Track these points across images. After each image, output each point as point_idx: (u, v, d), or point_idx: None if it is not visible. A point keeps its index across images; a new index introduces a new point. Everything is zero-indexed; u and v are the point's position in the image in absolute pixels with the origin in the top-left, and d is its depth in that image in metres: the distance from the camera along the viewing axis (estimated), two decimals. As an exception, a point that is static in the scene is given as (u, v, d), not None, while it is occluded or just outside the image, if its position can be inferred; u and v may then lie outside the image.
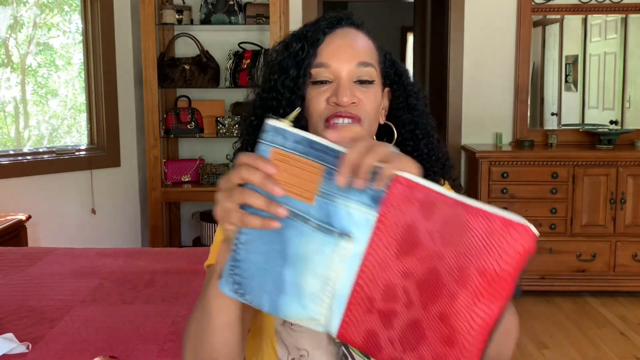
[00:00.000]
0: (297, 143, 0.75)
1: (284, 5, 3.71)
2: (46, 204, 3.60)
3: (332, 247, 0.75)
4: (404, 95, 1.10)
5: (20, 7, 3.71)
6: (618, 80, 4.00)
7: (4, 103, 3.71)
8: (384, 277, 0.74)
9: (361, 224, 0.74)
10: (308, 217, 0.75)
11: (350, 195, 0.74)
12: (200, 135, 3.78)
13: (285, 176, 0.75)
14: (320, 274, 0.76)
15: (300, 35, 1.05)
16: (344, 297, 0.76)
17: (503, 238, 0.70)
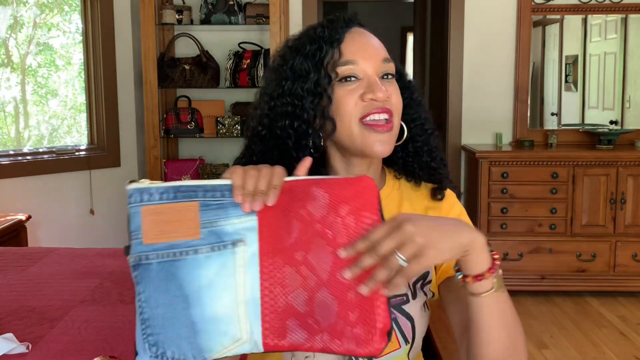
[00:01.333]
0: (163, 194, 0.81)
1: (284, 5, 3.71)
2: (46, 204, 3.60)
3: (232, 258, 0.81)
4: (408, 92, 1.10)
5: (20, 7, 3.71)
6: (618, 80, 4.00)
7: (4, 103, 3.71)
8: (281, 264, 0.83)
9: (248, 230, 0.82)
10: (197, 247, 0.81)
11: (229, 214, 0.82)
12: (200, 135, 3.78)
13: (164, 226, 0.81)
14: (228, 289, 0.81)
15: (312, 37, 1.03)
16: (256, 299, 0.82)
17: (353, 188, 0.84)
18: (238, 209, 0.82)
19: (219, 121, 3.74)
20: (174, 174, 3.77)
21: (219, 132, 3.75)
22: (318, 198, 0.83)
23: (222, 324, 0.82)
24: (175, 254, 0.81)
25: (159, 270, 0.81)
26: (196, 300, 0.81)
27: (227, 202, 0.82)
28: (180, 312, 0.81)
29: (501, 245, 3.62)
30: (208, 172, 3.73)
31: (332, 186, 0.84)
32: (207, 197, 0.82)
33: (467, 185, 4.00)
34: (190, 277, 0.81)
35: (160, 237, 0.81)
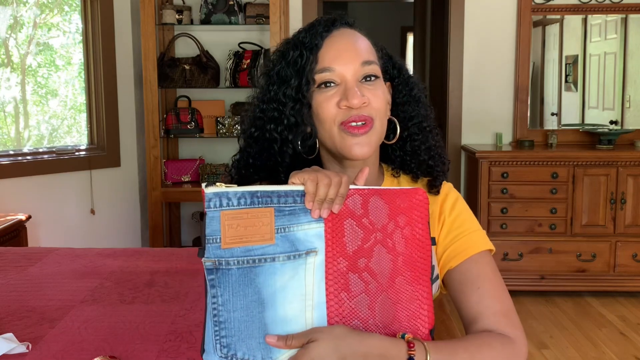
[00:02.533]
0: (240, 199, 0.85)
1: (284, 5, 3.71)
2: (46, 204, 3.60)
3: (304, 266, 0.86)
4: (407, 89, 1.10)
5: (20, 7, 3.71)
6: (618, 80, 4.00)
7: (4, 103, 3.71)
8: (345, 270, 0.87)
9: (316, 237, 0.87)
10: (275, 255, 0.86)
11: (300, 220, 0.87)
12: (200, 135, 3.78)
13: (241, 230, 0.84)
14: (298, 294, 0.86)
15: (296, 42, 1.04)
16: (322, 303, 0.87)
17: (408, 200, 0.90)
18: (307, 215, 0.87)
19: (219, 121, 3.74)
20: (174, 174, 3.77)
21: (219, 132, 3.75)
22: (379, 208, 0.89)
23: (291, 325, 0.86)
24: (255, 260, 0.85)
25: (239, 275, 0.85)
26: (270, 303, 0.85)
27: (298, 208, 0.87)
28: (255, 315, 0.85)
29: (501, 245, 3.62)
30: (208, 172, 3.73)
31: (391, 197, 0.90)
32: (280, 203, 0.86)
33: (467, 185, 4.00)
34: (267, 282, 0.85)
35: (238, 242, 0.85)
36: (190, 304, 1.99)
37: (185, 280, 2.21)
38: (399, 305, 0.89)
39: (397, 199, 0.90)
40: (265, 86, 1.06)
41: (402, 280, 0.89)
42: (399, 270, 0.89)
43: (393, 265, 0.89)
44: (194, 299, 2.02)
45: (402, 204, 0.90)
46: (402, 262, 0.89)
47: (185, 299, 2.03)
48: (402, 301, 0.89)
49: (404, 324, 0.89)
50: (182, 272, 2.30)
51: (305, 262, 0.86)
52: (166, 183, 3.75)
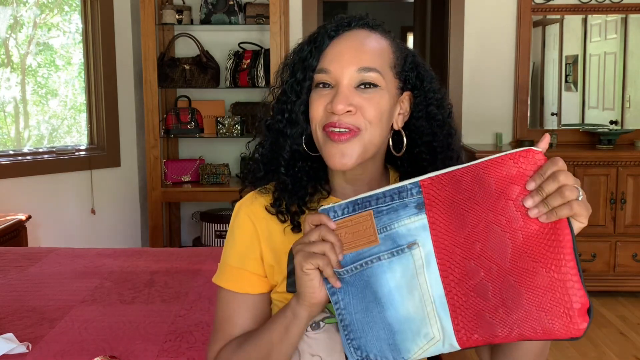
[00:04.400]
0: (344, 209, 0.88)
1: (284, 5, 3.71)
2: (46, 204, 3.60)
3: (411, 260, 0.85)
4: (424, 103, 1.04)
5: (20, 7, 3.71)
6: (618, 80, 4.00)
7: (4, 103, 3.71)
8: (459, 259, 0.84)
9: (420, 229, 0.85)
10: (379, 254, 0.87)
11: (400, 216, 0.86)
12: (200, 135, 3.78)
13: (349, 237, 0.88)
14: (413, 290, 0.85)
15: (310, 38, 1.04)
16: (441, 295, 0.85)
17: (517, 166, 0.81)
18: (406, 210, 0.86)
19: (219, 121, 3.74)
20: (174, 174, 3.77)
21: (219, 132, 3.75)
22: (484, 184, 0.83)
23: (415, 322, 0.86)
24: (362, 264, 0.87)
25: (353, 281, 0.88)
26: (389, 302, 0.86)
27: (396, 205, 0.86)
28: (376, 315, 0.87)
29: (501, 245, 3.62)
30: (208, 172, 3.73)
31: (495, 168, 0.82)
32: (379, 204, 0.87)
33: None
34: (380, 282, 0.86)
35: (347, 249, 0.88)
36: (190, 304, 1.99)
37: (185, 280, 2.21)
38: (529, 287, 0.81)
39: (505, 168, 0.81)
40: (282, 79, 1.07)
41: (527, 258, 0.81)
42: (521, 248, 0.81)
43: (513, 244, 0.81)
44: (194, 299, 2.02)
45: (511, 171, 0.81)
46: (523, 238, 0.81)
47: (185, 299, 2.03)
48: (532, 281, 0.80)
49: (543, 305, 0.81)
50: (182, 272, 2.30)
51: (411, 256, 0.85)
52: (166, 183, 3.75)
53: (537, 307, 0.81)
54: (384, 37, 1.04)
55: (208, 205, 3.90)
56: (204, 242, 3.80)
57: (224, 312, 1.07)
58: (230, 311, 1.06)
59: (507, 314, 0.82)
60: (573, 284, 0.81)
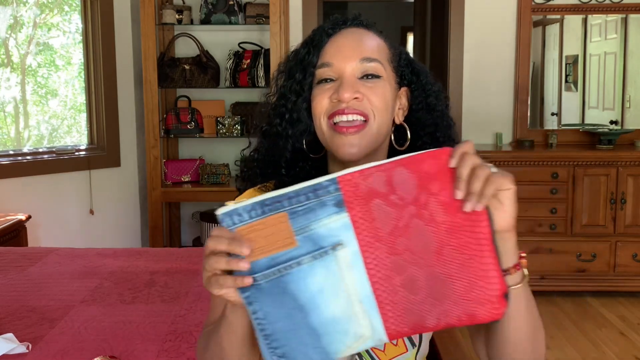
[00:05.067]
0: (251, 211, 0.81)
1: (284, 5, 3.71)
2: (46, 204, 3.60)
3: (335, 262, 0.81)
4: (422, 95, 1.07)
5: (20, 7, 3.71)
6: (618, 80, 4.00)
7: (4, 103, 3.71)
8: (384, 255, 0.82)
9: (342, 228, 0.81)
10: (299, 258, 0.81)
11: (318, 216, 0.81)
12: (200, 135, 3.78)
13: (261, 242, 0.81)
14: (338, 292, 0.82)
15: (307, 40, 1.05)
16: (369, 294, 0.82)
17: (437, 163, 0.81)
18: (326, 208, 0.81)
19: (219, 121, 3.74)
20: (174, 174, 3.77)
21: (219, 132, 3.75)
22: (405, 180, 0.81)
23: (342, 323, 0.83)
24: (280, 270, 0.81)
25: (270, 288, 0.82)
26: (312, 307, 0.82)
27: (313, 204, 0.81)
28: (300, 321, 0.83)
29: (501, 245, 3.62)
30: (208, 172, 3.73)
31: (415, 164, 0.81)
32: (292, 205, 0.81)
33: (467, 185, 4.00)
34: (300, 287, 0.82)
35: (260, 254, 0.81)
36: (190, 304, 1.99)
37: (185, 280, 2.21)
38: (453, 278, 0.82)
39: (424, 165, 0.81)
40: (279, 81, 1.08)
41: (451, 250, 0.82)
42: (444, 241, 0.82)
43: (436, 237, 0.82)
44: (194, 299, 2.02)
45: (430, 169, 0.81)
46: (446, 231, 0.81)
47: (185, 299, 2.03)
48: (456, 272, 0.82)
49: (465, 293, 0.82)
50: (182, 272, 2.30)
51: (335, 258, 0.81)
52: (166, 183, 3.75)
53: (462, 296, 0.82)
54: (379, 35, 1.06)
55: (208, 205, 3.90)
56: (204, 242, 3.79)
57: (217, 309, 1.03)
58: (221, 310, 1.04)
59: (433, 305, 0.82)
60: (493, 272, 0.82)
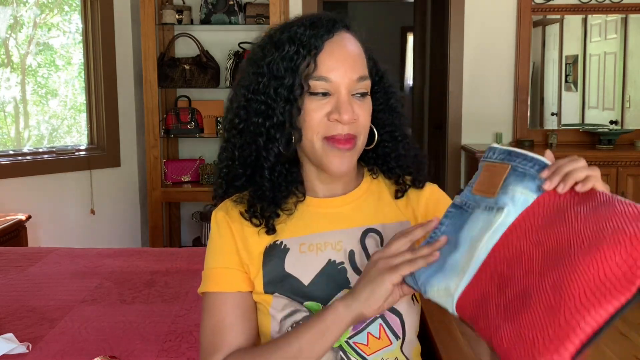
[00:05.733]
0: (499, 154, 0.90)
1: (284, 5, 3.72)
2: (46, 204, 3.60)
3: (490, 221, 0.86)
4: (384, 97, 1.08)
5: (20, 7, 3.71)
6: (618, 80, 4.00)
7: (4, 103, 3.71)
8: (517, 244, 0.82)
9: (519, 202, 0.84)
10: (483, 204, 0.88)
11: (522, 183, 0.85)
12: (200, 135, 3.78)
13: (483, 180, 0.90)
14: (472, 244, 0.87)
15: (293, 36, 0.99)
16: (479, 260, 0.85)
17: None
18: (532, 182, 0.84)
19: (219, 121, 3.74)
20: (174, 174, 3.77)
21: (219, 132, 3.75)
22: (608, 215, 0.75)
23: (456, 271, 0.87)
24: (478, 206, 0.89)
25: (465, 218, 0.90)
26: (457, 247, 0.88)
27: (529, 173, 0.85)
28: (445, 252, 0.89)
29: (501, 245, 3.62)
30: (208, 172, 3.73)
31: (630, 216, 0.73)
32: (520, 163, 0.86)
33: (467, 185, 4.00)
34: (468, 226, 0.89)
35: (479, 191, 0.90)
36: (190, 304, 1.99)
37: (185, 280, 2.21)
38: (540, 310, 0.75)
39: (632, 220, 0.72)
40: (254, 76, 1.02)
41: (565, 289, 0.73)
42: (568, 280, 0.73)
43: (568, 269, 0.73)
44: (194, 299, 2.02)
45: (636, 226, 0.71)
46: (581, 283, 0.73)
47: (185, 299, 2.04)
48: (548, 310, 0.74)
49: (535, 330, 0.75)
50: (182, 272, 2.30)
51: (493, 218, 0.85)
52: (166, 183, 3.75)
53: (529, 327, 0.76)
54: (358, 38, 1.05)
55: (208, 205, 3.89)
56: (204, 242, 3.80)
57: (215, 318, 1.03)
58: (222, 315, 1.03)
59: (498, 315, 0.80)
60: (575, 338, 0.75)
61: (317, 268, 1.03)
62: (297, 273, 1.03)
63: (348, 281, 1.03)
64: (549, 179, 0.82)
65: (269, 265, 1.03)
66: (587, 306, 0.73)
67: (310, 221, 1.06)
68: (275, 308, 1.03)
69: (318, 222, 1.06)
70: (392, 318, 1.04)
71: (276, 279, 1.03)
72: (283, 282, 1.02)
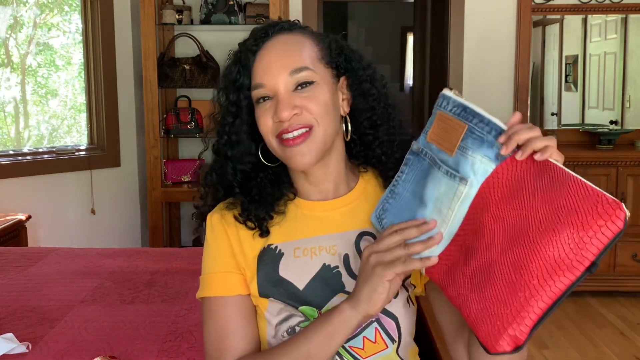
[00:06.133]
0: (454, 107, 0.91)
1: (284, 5, 3.71)
2: (46, 204, 3.60)
3: (454, 190, 0.89)
4: (357, 82, 1.07)
5: (20, 7, 3.71)
6: (618, 80, 4.00)
7: (4, 103, 3.71)
8: (480, 217, 0.86)
9: (479, 172, 0.87)
10: (442, 164, 0.91)
11: (480, 148, 0.87)
12: (200, 135, 3.78)
13: (442, 133, 0.92)
14: (442, 212, 0.90)
15: (235, 58, 1.06)
16: (452, 233, 0.90)
17: (594, 208, 0.77)
18: (489, 149, 0.86)
19: (219, 121, 3.74)
20: (174, 174, 3.77)
21: (219, 132, 3.75)
22: (557, 193, 0.79)
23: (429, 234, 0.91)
24: (436, 162, 0.92)
25: (424, 168, 0.95)
26: (425, 205, 0.93)
27: (486, 139, 0.87)
28: (413, 207, 0.95)
29: (501, 245, 3.62)
30: (208, 172, 3.73)
31: (582, 196, 0.78)
32: (477, 125, 0.88)
33: (467, 185, 4.00)
34: (430, 186, 0.93)
35: (435, 141, 0.93)
36: (190, 304, 1.99)
37: (185, 280, 2.21)
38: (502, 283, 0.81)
39: (585, 203, 0.77)
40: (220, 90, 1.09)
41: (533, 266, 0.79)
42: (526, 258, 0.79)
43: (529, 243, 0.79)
44: (194, 299, 2.02)
45: (589, 209, 0.76)
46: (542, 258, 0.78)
47: (185, 299, 2.04)
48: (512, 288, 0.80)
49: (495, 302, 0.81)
50: (182, 272, 2.30)
51: (456, 187, 0.88)
52: (166, 183, 3.75)
53: (490, 299, 0.83)
54: (302, 34, 1.05)
55: (208, 205, 3.89)
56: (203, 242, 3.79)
57: (218, 324, 1.04)
58: (225, 319, 1.03)
59: (464, 285, 0.86)
60: (531, 312, 0.79)
61: (312, 272, 1.03)
62: (292, 278, 1.03)
63: (343, 285, 1.03)
64: (505, 145, 0.84)
65: (263, 269, 1.04)
66: (543, 285, 0.78)
67: (304, 225, 1.06)
68: (270, 312, 1.03)
69: (312, 225, 1.06)
70: (387, 321, 1.04)
71: (271, 283, 1.03)
72: (278, 287, 1.03)
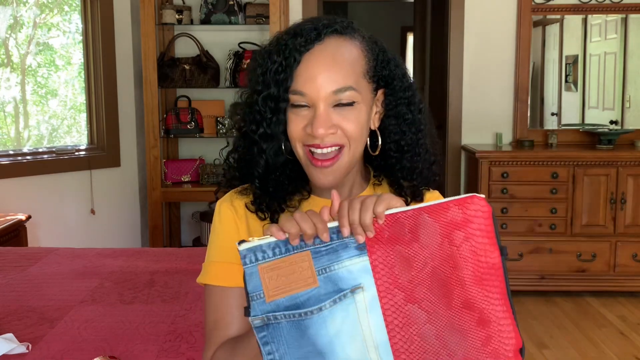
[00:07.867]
0: (275, 249, 0.82)
1: (284, 5, 3.71)
2: (46, 204, 3.60)
3: (354, 306, 0.81)
4: (393, 103, 1.04)
5: (20, 7, 3.71)
6: (618, 80, 3.99)
7: (4, 103, 3.71)
8: (402, 302, 0.82)
9: (362, 271, 0.82)
10: (321, 304, 0.81)
11: (340, 257, 0.82)
12: (200, 135, 3.78)
13: (283, 280, 0.81)
14: (355, 337, 0.82)
15: (281, 45, 0.99)
16: (385, 341, 0.82)
17: (462, 212, 0.81)
18: (348, 250, 0.82)
19: (219, 121, 3.74)
20: (173, 174, 3.77)
21: (218, 132, 3.75)
22: (428, 228, 0.81)
23: None
24: (301, 314, 0.82)
25: (289, 328, 0.82)
26: (329, 351, 0.82)
27: (336, 245, 0.82)
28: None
29: (501, 245, 3.61)
30: (208, 172, 3.73)
31: (441, 212, 0.81)
32: (316, 244, 0.82)
33: (467, 185, 4.00)
34: (319, 332, 0.82)
35: (281, 292, 0.81)
36: (190, 304, 1.99)
37: (185, 280, 2.21)
38: (471, 330, 0.82)
39: (449, 213, 0.81)
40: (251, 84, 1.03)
41: (470, 302, 0.82)
42: (464, 292, 0.81)
43: (457, 289, 0.81)
44: (194, 299, 2.02)
45: (456, 217, 0.81)
46: (466, 282, 0.81)
47: (185, 299, 2.04)
48: (474, 325, 0.82)
49: (482, 346, 0.82)
50: (182, 272, 2.30)
51: (354, 301, 0.82)
52: (166, 183, 3.75)
53: (479, 349, 0.82)
54: (355, 40, 1.00)
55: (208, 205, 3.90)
56: (204, 242, 3.80)
57: (215, 314, 1.03)
58: (222, 311, 1.03)
59: (450, 357, 0.83)
60: (509, 327, 0.82)
61: None
62: None
63: None
64: (354, 234, 0.82)
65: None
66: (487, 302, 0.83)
67: None
68: None
69: None
70: None
71: None
72: None
